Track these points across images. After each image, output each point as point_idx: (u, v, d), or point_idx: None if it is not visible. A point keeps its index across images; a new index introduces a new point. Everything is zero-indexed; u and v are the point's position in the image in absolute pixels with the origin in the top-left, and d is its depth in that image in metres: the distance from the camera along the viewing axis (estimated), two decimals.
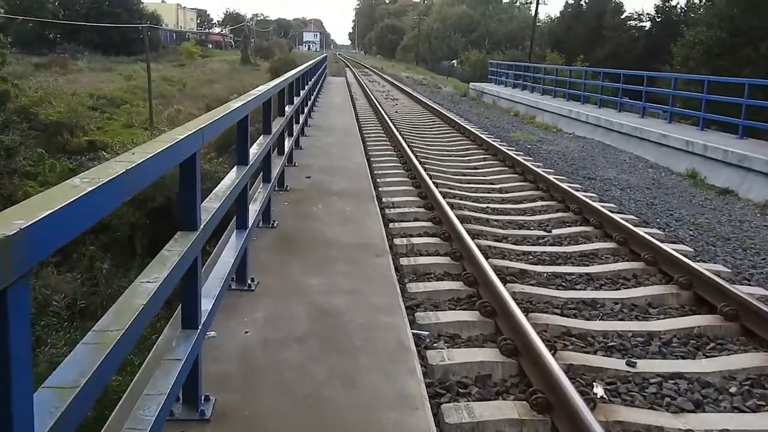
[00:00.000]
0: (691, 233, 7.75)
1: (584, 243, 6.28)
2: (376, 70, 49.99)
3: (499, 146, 11.64)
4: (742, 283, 5.36)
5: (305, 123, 11.36)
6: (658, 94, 19.19)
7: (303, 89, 9.99)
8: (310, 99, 13.36)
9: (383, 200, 7.37)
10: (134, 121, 22.78)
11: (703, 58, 23.55)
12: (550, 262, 5.70)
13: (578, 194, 7.73)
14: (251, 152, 4.20)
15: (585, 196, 7.75)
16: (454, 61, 55.78)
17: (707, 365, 3.73)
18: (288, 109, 7.22)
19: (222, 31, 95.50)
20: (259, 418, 2.73)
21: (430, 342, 3.93)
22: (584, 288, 5.07)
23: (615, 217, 6.55)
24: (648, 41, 38.67)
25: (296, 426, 2.71)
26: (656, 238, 5.95)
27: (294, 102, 8.06)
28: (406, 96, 25.26)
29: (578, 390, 3.11)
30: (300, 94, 9.18)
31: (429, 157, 10.87)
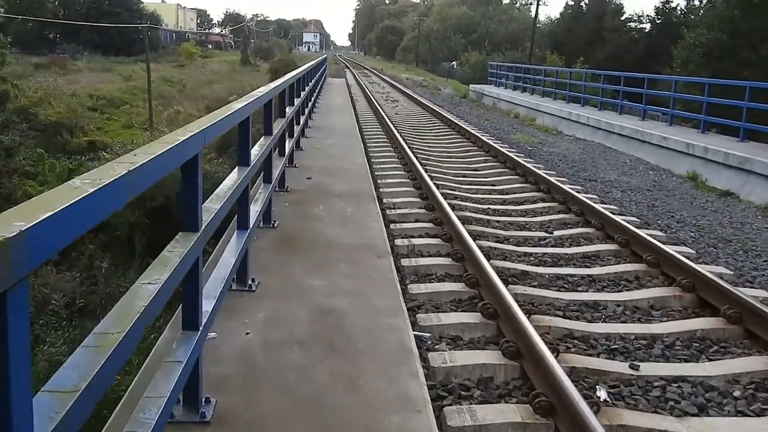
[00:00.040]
0: (693, 235, 7.73)
1: (586, 244, 6.26)
2: (376, 71, 49.97)
3: (500, 148, 11.62)
4: (745, 286, 5.34)
5: (305, 124, 11.33)
6: (659, 97, 19.17)
7: (303, 90, 9.97)
8: (311, 100, 13.34)
9: (384, 201, 7.34)
10: (134, 122, 22.79)
11: (703, 60, 23.55)
12: (552, 264, 5.68)
13: (580, 196, 7.71)
14: (252, 153, 4.18)
15: (586, 198, 7.73)
16: (454, 63, 55.79)
17: (711, 369, 3.71)
18: (289, 110, 7.20)
19: (222, 32, 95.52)
20: (261, 421, 2.71)
21: (432, 344, 3.91)
22: (586, 290, 5.05)
23: (617, 219, 6.53)
24: (648, 43, 38.66)
25: (298, 429, 2.69)
26: (658, 240, 5.92)
27: (295, 103, 8.05)
28: (406, 97, 25.25)
29: (581, 393, 3.09)
30: (301, 95, 9.16)
31: (430, 159, 10.85)
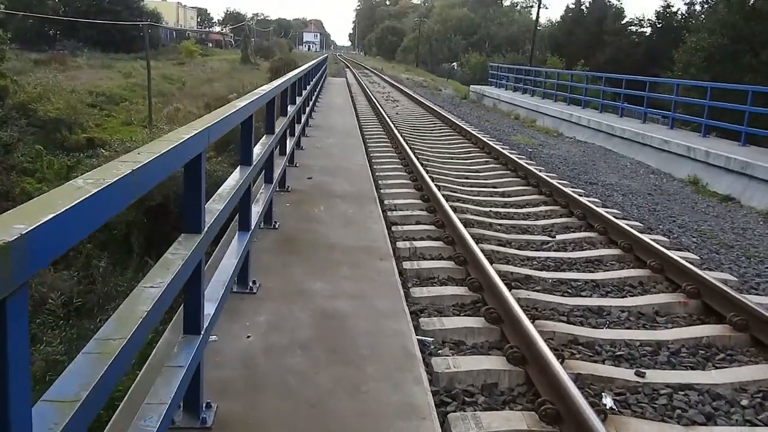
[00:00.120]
0: (695, 240, 7.68)
1: (589, 249, 6.21)
2: (376, 71, 49.93)
3: (501, 149, 11.57)
4: (750, 293, 5.30)
5: (306, 123, 11.28)
6: (659, 100, 19.13)
7: (305, 89, 9.92)
8: (312, 99, 13.29)
9: (385, 202, 7.29)
10: (133, 119, 22.70)
11: (705, 65, 23.53)
12: (555, 268, 5.62)
13: (582, 199, 7.66)
14: (254, 152, 4.12)
15: (589, 201, 7.68)
16: (455, 64, 55.75)
17: (717, 377, 3.66)
18: (290, 109, 7.15)
19: (222, 30, 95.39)
20: (262, 427, 2.65)
21: (435, 348, 3.86)
22: (590, 295, 4.99)
23: (620, 223, 6.48)
24: (648, 47, 38.64)
25: None
26: (662, 245, 5.88)
27: (296, 102, 7.99)
28: (407, 97, 25.20)
29: (587, 401, 3.04)
30: (302, 94, 9.11)
31: (430, 160, 10.80)
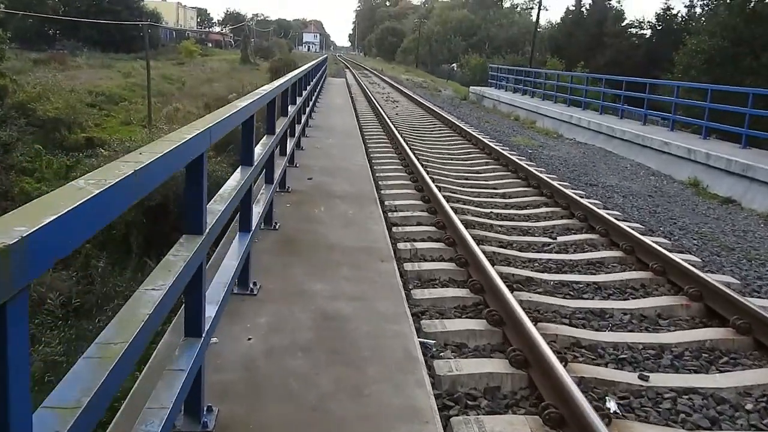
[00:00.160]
0: (696, 242, 7.66)
1: (590, 251, 6.18)
2: (376, 72, 49.92)
3: (501, 150, 11.55)
4: (752, 296, 5.27)
5: (306, 123, 11.25)
6: (659, 102, 19.12)
7: (305, 89, 9.89)
8: (312, 99, 13.26)
9: (386, 203, 7.26)
10: (132, 119, 22.65)
11: (705, 67, 23.54)
12: (557, 270, 5.60)
13: (583, 201, 7.63)
14: (255, 152, 4.09)
15: (590, 203, 7.66)
16: (454, 65, 55.74)
17: (721, 380, 3.63)
18: (291, 109, 7.12)
19: (222, 31, 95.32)
20: (264, 430, 2.62)
21: (437, 351, 3.83)
22: (592, 297, 4.97)
23: (621, 225, 6.46)
24: (648, 49, 38.67)
25: None
26: (664, 248, 5.86)
27: (296, 102, 7.96)
28: (406, 98, 25.18)
29: (591, 405, 3.01)
30: (303, 94, 9.08)
31: (430, 160, 10.78)
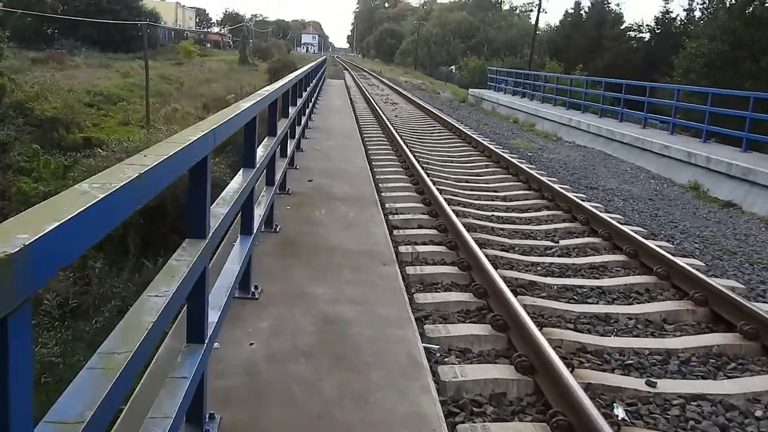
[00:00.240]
0: (697, 246, 7.62)
1: (593, 255, 6.14)
2: (375, 74, 49.91)
3: (501, 153, 11.52)
4: (757, 300, 5.23)
5: (306, 125, 11.20)
6: (658, 105, 19.11)
7: (305, 91, 9.84)
8: (311, 101, 13.21)
9: (386, 206, 7.21)
10: (131, 119, 22.55)
11: (705, 71, 23.54)
12: (560, 274, 5.55)
13: (585, 204, 7.59)
14: (257, 154, 4.04)
15: (592, 206, 7.61)
16: (453, 67, 55.70)
17: (730, 386, 3.59)
18: (291, 111, 7.07)
19: (221, 31, 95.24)
20: None
21: (441, 356, 3.78)
22: (596, 302, 4.92)
23: (625, 229, 6.41)
24: (647, 52, 38.67)
25: None
26: (667, 252, 5.81)
27: (297, 103, 7.91)
28: (405, 100, 25.14)
29: (599, 412, 2.96)
30: (303, 96, 9.03)
31: (431, 162, 10.74)
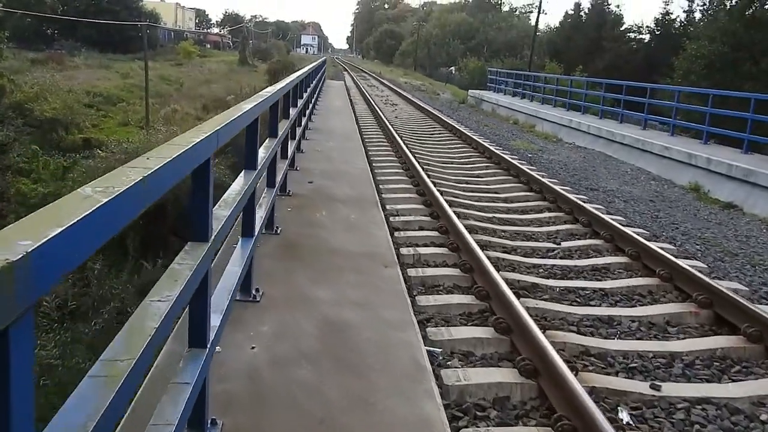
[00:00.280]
0: (699, 248, 7.60)
1: (595, 257, 6.12)
2: (374, 75, 49.91)
3: (501, 154, 11.50)
4: (760, 302, 5.21)
5: (306, 126, 11.17)
6: (659, 106, 19.10)
7: (305, 92, 9.82)
8: (311, 102, 13.18)
9: (387, 207, 7.19)
10: (130, 120, 22.50)
11: (705, 72, 23.54)
12: (562, 276, 5.53)
13: (587, 206, 7.57)
14: (259, 156, 4.01)
15: (594, 208, 7.59)
16: (453, 68, 55.69)
17: (735, 390, 3.56)
18: (292, 112, 7.04)
19: (220, 32, 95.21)
20: None
21: (444, 360, 3.75)
22: (599, 304, 4.90)
23: (627, 231, 6.39)
24: (647, 53, 38.66)
25: None
26: (669, 253, 5.79)
27: (297, 105, 7.89)
28: (405, 101, 25.12)
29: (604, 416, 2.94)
30: (303, 97, 9.00)
31: (431, 164, 10.71)
